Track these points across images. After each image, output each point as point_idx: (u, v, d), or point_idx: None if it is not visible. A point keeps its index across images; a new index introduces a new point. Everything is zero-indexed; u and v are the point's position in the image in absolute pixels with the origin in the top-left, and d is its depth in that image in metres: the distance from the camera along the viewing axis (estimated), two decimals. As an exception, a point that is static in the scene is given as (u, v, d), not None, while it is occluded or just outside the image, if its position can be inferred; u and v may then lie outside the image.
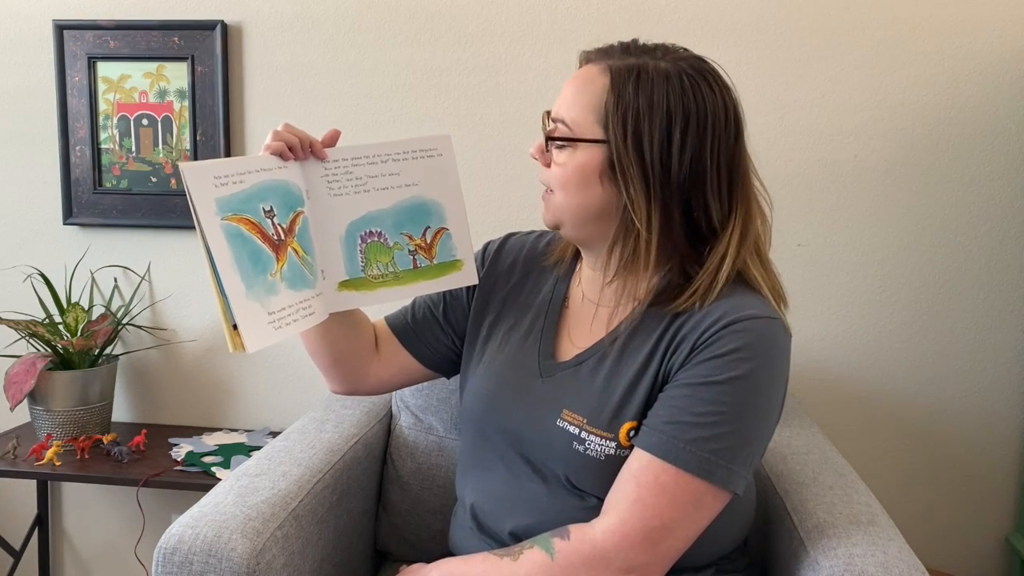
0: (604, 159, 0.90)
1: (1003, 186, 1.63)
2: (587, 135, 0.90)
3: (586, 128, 0.91)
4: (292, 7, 1.76)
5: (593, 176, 0.91)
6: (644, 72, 0.89)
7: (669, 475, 0.85)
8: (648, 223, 0.89)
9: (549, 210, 0.97)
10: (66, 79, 1.82)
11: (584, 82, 0.92)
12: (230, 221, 0.85)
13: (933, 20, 1.60)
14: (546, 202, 0.97)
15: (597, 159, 0.90)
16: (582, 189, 0.92)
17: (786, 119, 1.65)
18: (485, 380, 1.03)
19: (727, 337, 0.87)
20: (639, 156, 0.88)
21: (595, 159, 0.90)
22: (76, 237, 1.89)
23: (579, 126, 0.91)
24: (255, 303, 0.85)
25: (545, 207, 0.97)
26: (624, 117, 0.88)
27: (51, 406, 1.69)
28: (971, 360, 1.67)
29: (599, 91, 0.90)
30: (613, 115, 0.89)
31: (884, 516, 1.04)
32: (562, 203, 0.94)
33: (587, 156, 0.91)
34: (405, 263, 1.00)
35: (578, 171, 0.91)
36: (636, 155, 0.88)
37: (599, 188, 0.91)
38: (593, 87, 0.91)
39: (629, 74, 0.89)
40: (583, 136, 0.91)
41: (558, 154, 0.93)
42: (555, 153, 0.94)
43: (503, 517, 0.98)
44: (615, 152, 0.89)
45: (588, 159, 0.91)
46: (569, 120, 0.92)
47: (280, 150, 0.92)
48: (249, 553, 0.95)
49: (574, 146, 0.91)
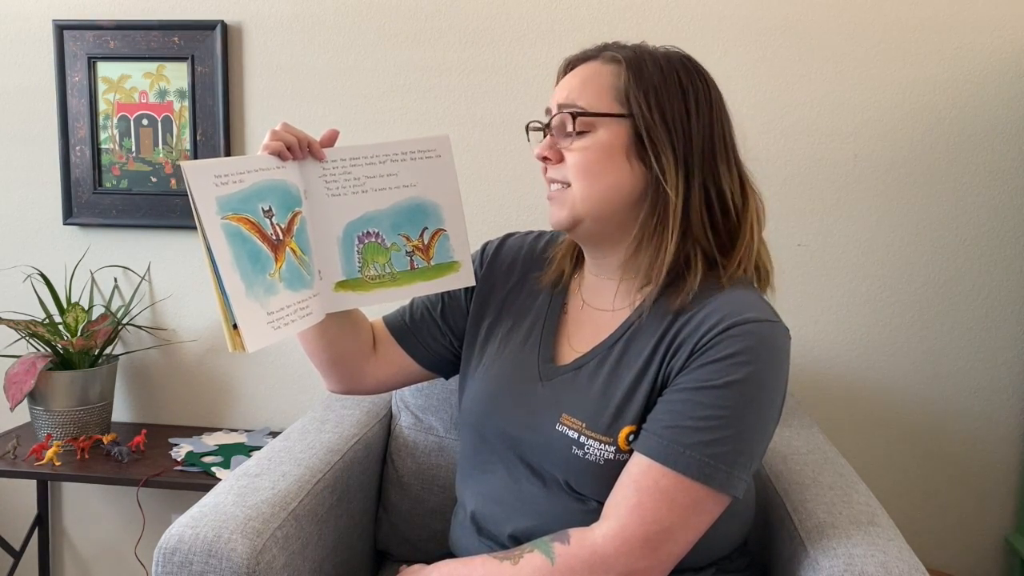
0: (630, 134, 0.90)
1: (1003, 186, 1.63)
2: (607, 110, 0.90)
3: (606, 107, 0.91)
4: (292, 7, 1.76)
5: (619, 154, 0.90)
6: (651, 54, 0.92)
7: (669, 480, 0.85)
8: (676, 189, 0.89)
9: (565, 207, 0.93)
10: (66, 79, 1.82)
11: (589, 71, 0.93)
12: (230, 220, 0.84)
13: (933, 20, 1.60)
14: (559, 200, 0.94)
15: (622, 135, 0.90)
16: (608, 171, 0.91)
17: (786, 119, 1.65)
18: (484, 383, 1.03)
19: (726, 341, 0.86)
20: (664, 124, 0.89)
21: (620, 135, 0.90)
22: (76, 237, 1.89)
23: (598, 106, 0.91)
24: (255, 303, 0.85)
25: (558, 206, 0.94)
26: (646, 89, 0.89)
27: (51, 406, 1.69)
28: (971, 360, 1.67)
29: (609, 74, 0.92)
30: (635, 89, 0.89)
31: (884, 516, 1.04)
32: (585, 192, 0.91)
33: (611, 134, 0.90)
34: (402, 264, 1.00)
35: (603, 151, 0.90)
36: (662, 123, 0.89)
37: (626, 166, 0.91)
38: (601, 73, 0.92)
39: (640, 55, 0.92)
40: (602, 111, 0.90)
41: (576, 142, 0.91)
42: (572, 142, 0.92)
43: (503, 520, 0.98)
44: (643, 124, 0.89)
45: (613, 136, 0.90)
46: (584, 103, 0.91)
47: (278, 150, 0.91)
48: (249, 553, 0.95)
49: (594, 128, 0.91)
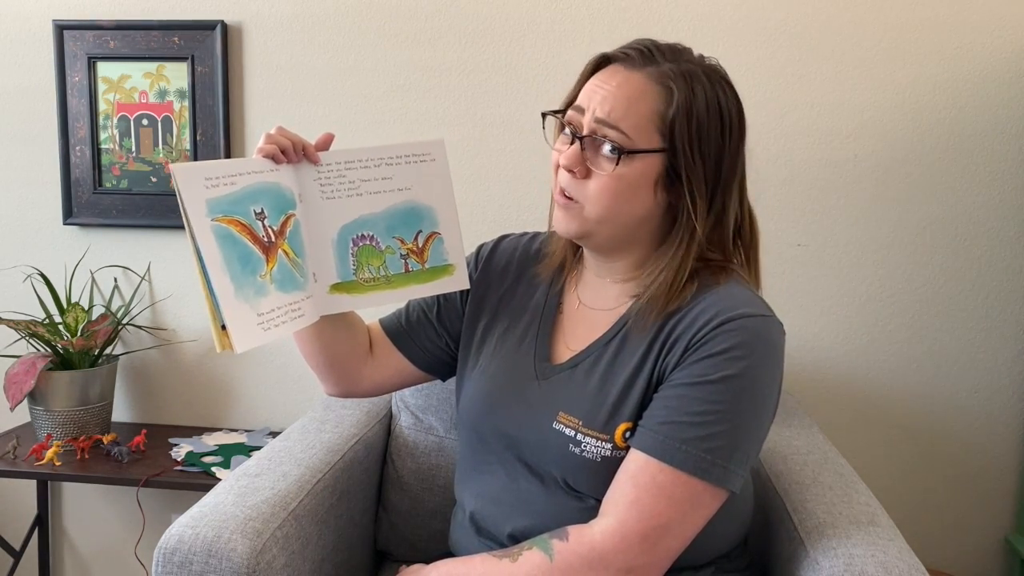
0: (664, 166, 0.89)
1: (1003, 186, 1.63)
2: (648, 145, 0.89)
3: (646, 137, 0.88)
4: (292, 7, 1.76)
5: (648, 184, 0.90)
6: (696, 78, 0.89)
7: (666, 475, 0.85)
8: (703, 223, 0.90)
9: (575, 221, 0.92)
10: (66, 79, 1.82)
11: (635, 89, 0.89)
12: (220, 222, 0.85)
13: (933, 20, 1.60)
14: (570, 212, 0.93)
15: (657, 167, 0.89)
16: (632, 199, 0.90)
17: (786, 119, 1.65)
18: (481, 384, 1.03)
19: (721, 336, 0.87)
20: (703, 160, 0.89)
21: (654, 167, 0.89)
22: (76, 237, 1.89)
23: (639, 136, 0.88)
24: (244, 304, 0.85)
25: (568, 217, 0.93)
26: (690, 123, 0.88)
27: (51, 406, 1.69)
28: (971, 360, 1.67)
29: (656, 99, 0.88)
30: (682, 123, 0.87)
31: (884, 516, 1.04)
32: (602, 214, 0.90)
33: (646, 165, 0.89)
34: (397, 267, 1.00)
35: (634, 181, 0.89)
36: (700, 160, 0.89)
37: (651, 196, 0.91)
38: (648, 95, 0.89)
39: (687, 81, 0.88)
40: (644, 147, 0.88)
41: (607, 164, 0.89)
42: (603, 163, 0.89)
43: (502, 520, 0.98)
44: (682, 159, 0.88)
45: (647, 167, 0.89)
46: (627, 127, 0.88)
47: (272, 153, 0.92)
48: (249, 553, 0.95)
49: (631, 160, 0.88)
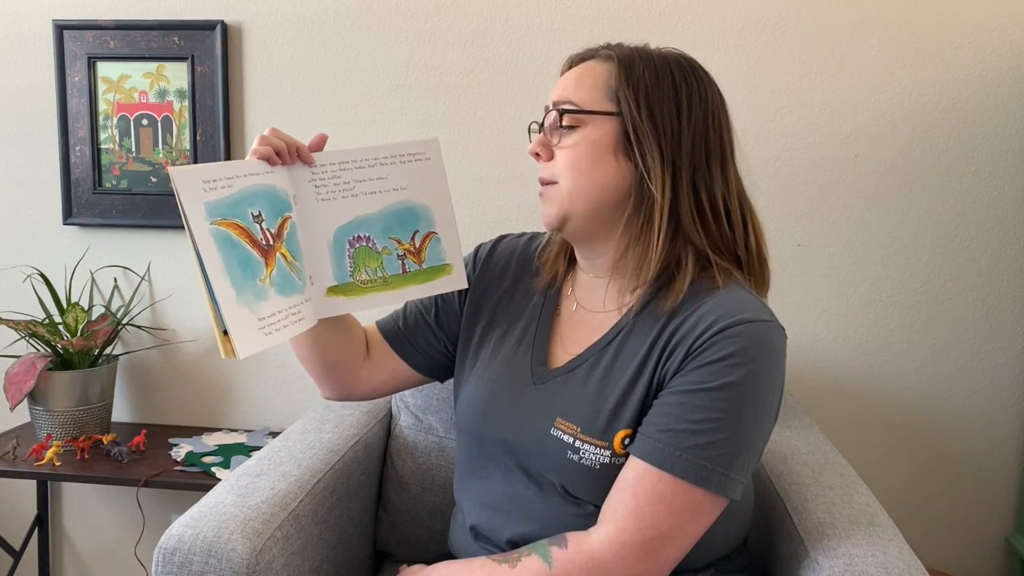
0: (618, 131, 0.91)
1: (1003, 186, 1.63)
2: (597, 108, 0.91)
3: (596, 104, 0.91)
4: (292, 7, 1.76)
5: (607, 151, 0.91)
6: (646, 53, 0.93)
7: (666, 484, 0.84)
8: (662, 190, 0.90)
9: (554, 203, 0.94)
10: (66, 79, 1.82)
11: (585, 69, 0.94)
12: (219, 226, 0.84)
13: (933, 20, 1.60)
14: (548, 197, 0.95)
15: (611, 133, 0.91)
16: (596, 167, 0.91)
17: (786, 119, 1.65)
18: (479, 389, 1.02)
19: (721, 342, 0.85)
20: (652, 123, 0.90)
21: (608, 132, 0.91)
22: (76, 237, 1.89)
23: (588, 103, 0.92)
24: (245, 309, 0.84)
25: (547, 203, 0.95)
26: (636, 87, 0.90)
27: (51, 406, 1.69)
28: (971, 360, 1.67)
29: (603, 72, 0.92)
30: (624, 87, 0.90)
31: (884, 516, 1.04)
32: (572, 188, 0.92)
33: (600, 131, 0.91)
34: (394, 268, 0.99)
35: (591, 147, 0.91)
36: (650, 122, 0.90)
37: (613, 164, 0.91)
38: (596, 71, 0.93)
39: (634, 53, 0.93)
40: (592, 108, 0.91)
41: (566, 138, 0.92)
42: (562, 138, 0.93)
43: (501, 527, 0.97)
44: (630, 122, 0.90)
45: (601, 133, 0.91)
46: (576, 99, 0.92)
47: (267, 155, 0.91)
48: (249, 553, 0.95)
49: (584, 124, 0.91)
